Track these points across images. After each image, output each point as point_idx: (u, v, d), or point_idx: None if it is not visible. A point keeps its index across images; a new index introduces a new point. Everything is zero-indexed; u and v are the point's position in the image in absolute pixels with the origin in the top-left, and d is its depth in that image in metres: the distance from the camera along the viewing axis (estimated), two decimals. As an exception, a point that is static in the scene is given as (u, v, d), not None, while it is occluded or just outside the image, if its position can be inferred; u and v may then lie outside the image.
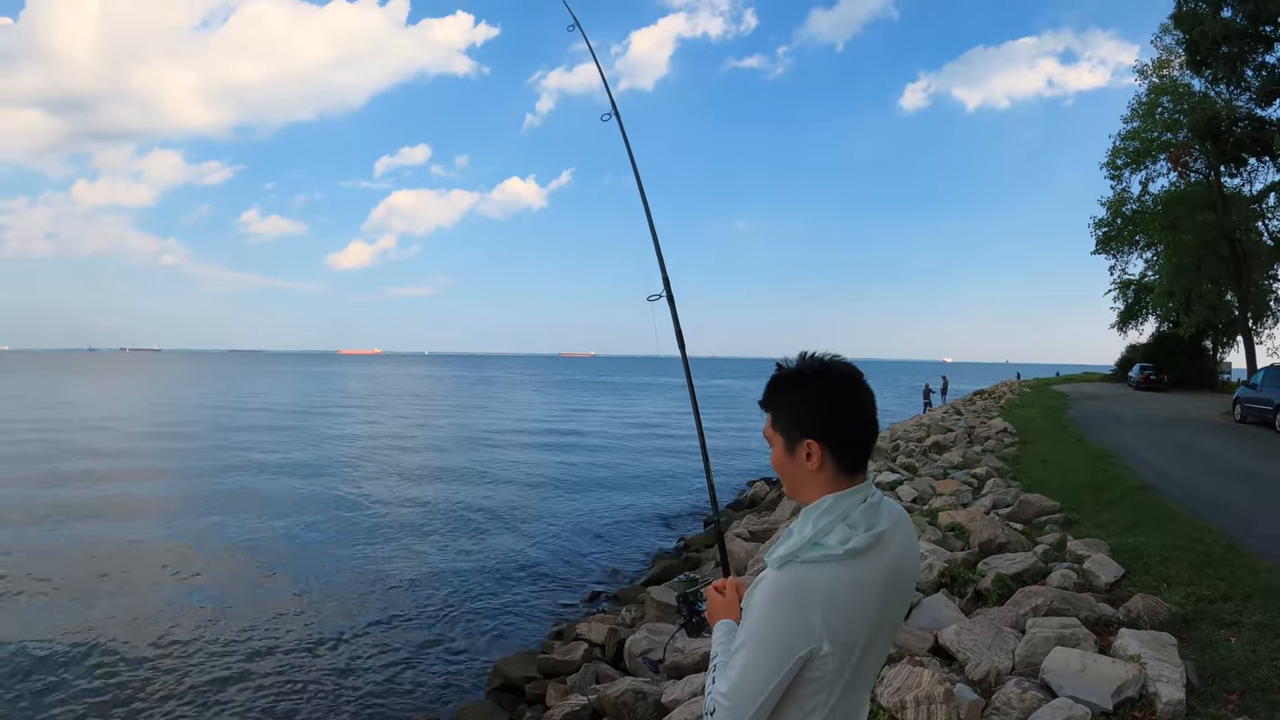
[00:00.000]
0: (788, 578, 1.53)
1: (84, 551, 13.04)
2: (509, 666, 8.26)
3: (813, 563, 1.53)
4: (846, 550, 1.53)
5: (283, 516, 16.30)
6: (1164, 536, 8.08)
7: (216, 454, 25.87)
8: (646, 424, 39.45)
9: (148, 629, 9.64)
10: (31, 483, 19.15)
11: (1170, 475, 12.38)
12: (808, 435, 1.64)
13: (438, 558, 13.20)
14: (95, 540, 13.79)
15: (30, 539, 13.83)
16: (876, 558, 1.57)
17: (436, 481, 21.07)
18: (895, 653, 5.28)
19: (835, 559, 1.52)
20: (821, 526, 1.57)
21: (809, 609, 1.50)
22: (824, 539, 1.55)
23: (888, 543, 1.60)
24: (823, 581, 1.51)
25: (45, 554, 12.87)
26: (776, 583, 1.54)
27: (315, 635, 9.64)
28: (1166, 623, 5.51)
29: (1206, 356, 45.59)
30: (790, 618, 1.51)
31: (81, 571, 11.94)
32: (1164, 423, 22.26)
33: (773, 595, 1.54)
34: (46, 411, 40.50)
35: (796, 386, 1.67)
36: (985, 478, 12.98)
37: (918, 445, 19.10)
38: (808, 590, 1.51)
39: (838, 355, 1.69)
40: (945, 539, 8.72)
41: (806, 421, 1.65)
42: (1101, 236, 43.48)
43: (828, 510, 1.60)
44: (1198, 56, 29.14)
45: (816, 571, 1.52)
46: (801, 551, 1.54)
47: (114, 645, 9.07)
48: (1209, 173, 36.83)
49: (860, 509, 1.60)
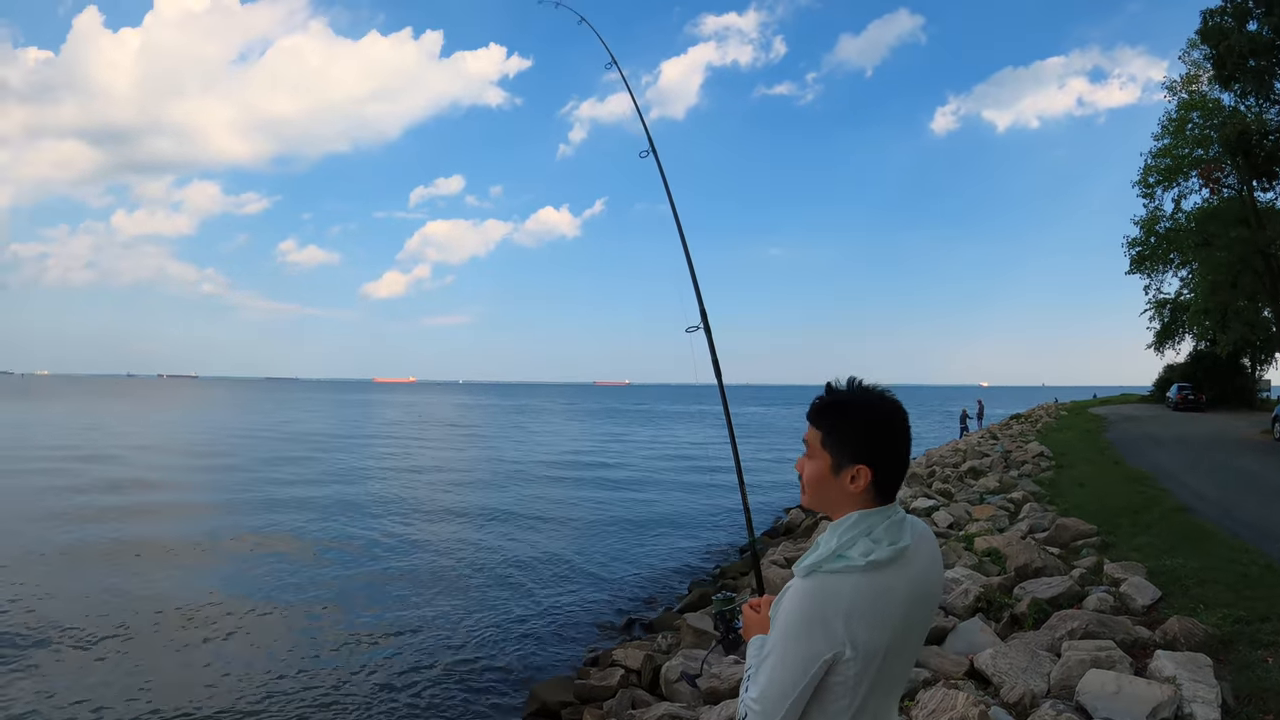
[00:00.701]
0: (812, 586, 1.65)
1: (105, 552, 13.24)
2: (545, 692, 8.31)
3: (836, 573, 1.64)
4: (869, 562, 1.64)
5: (322, 539, 16.44)
6: (1201, 558, 8.04)
7: (256, 477, 26.11)
8: (683, 453, 39.37)
9: (189, 643, 9.78)
10: (72, 511, 19.45)
11: (1208, 496, 12.26)
12: (860, 460, 1.75)
13: (476, 582, 13.27)
14: (132, 566, 13.97)
15: (73, 562, 14.04)
16: (900, 570, 1.68)
17: (473, 507, 21.16)
18: (930, 676, 5.32)
19: (857, 570, 1.63)
20: (846, 540, 1.69)
21: (832, 616, 1.61)
22: (847, 551, 1.67)
23: (911, 557, 1.71)
24: (845, 590, 1.62)
25: (80, 578, 13.08)
26: (802, 591, 1.66)
27: (352, 655, 9.73)
28: (1203, 644, 5.50)
29: (1244, 375, 44.95)
30: (814, 623, 1.61)
31: (120, 596, 12.12)
32: (1202, 443, 21.98)
33: (798, 602, 1.65)
34: (89, 435, 41.09)
35: (859, 412, 1.79)
36: (1022, 502, 12.91)
37: (954, 471, 19.01)
38: (831, 598, 1.62)
39: (876, 385, 1.83)
40: (981, 564, 8.72)
41: (862, 447, 1.76)
42: (1135, 256, 43.16)
43: (853, 525, 1.71)
44: (1225, 71, 29.00)
45: (840, 581, 1.63)
46: (826, 562, 1.66)
47: (154, 668, 9.21)
48: (1241, 188, 36.40)
49: (884, 525, 1.71)
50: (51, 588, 12.50)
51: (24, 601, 11.64)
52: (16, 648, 9.73)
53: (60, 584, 12.73)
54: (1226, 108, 34.92)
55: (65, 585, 12.64)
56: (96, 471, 26.74)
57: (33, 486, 22.88)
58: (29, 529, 16.86)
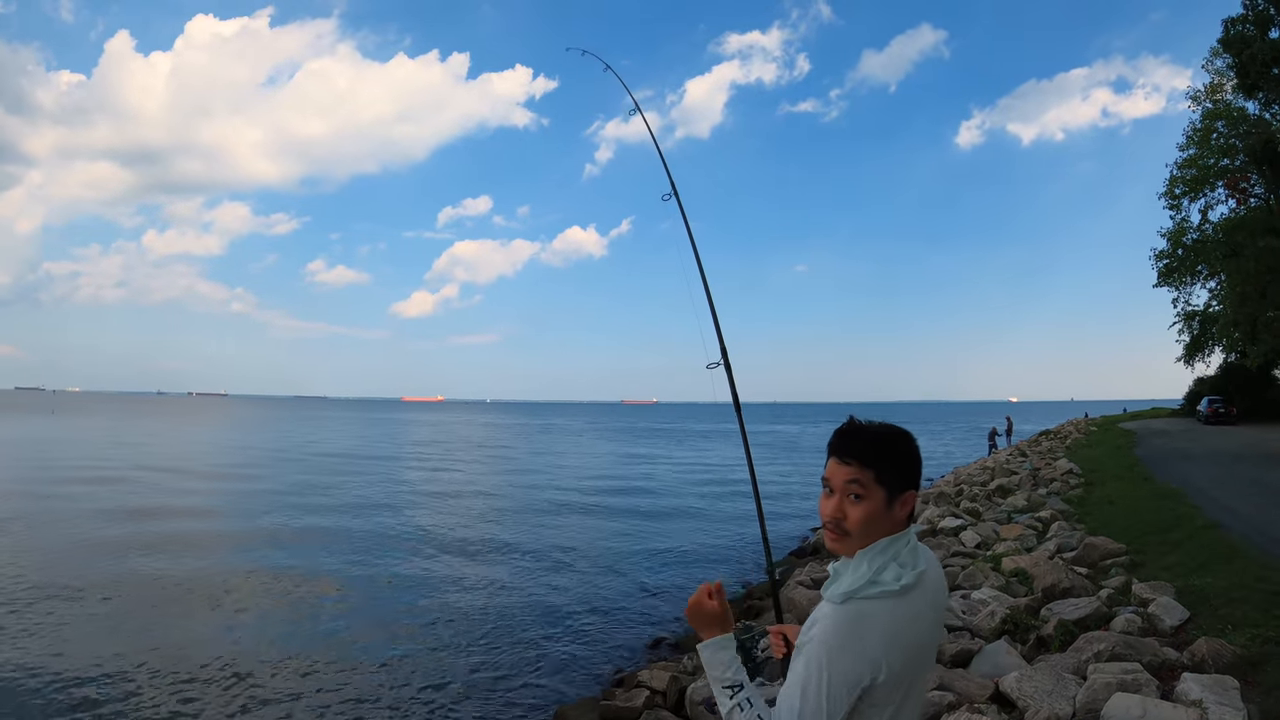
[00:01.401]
0: (851, 612, 1.70)
1: (145, 581, 13.37)
2: (571, 713, 8.34)
3: (873, 599, 1.71)
4: (901, 586, 1.71)
5: (350, 555, 16.63)
6: (1231, 576, 7.95)
7: (286, 493, 26.32)
8: (711, 474, 39.26)
9: (212, 657, 9.89)
10: (105, 520, 19.67)
11: (1239, 512, 12.12)
12: (910, 487, 1.84)
13: (502, 601, 13.34)
14: (158, 575, 14.12)
15: (100, 568, 14.21)
16: (921, 594, 1.76)
17: (500, 526, 21.24)
18: (955, 699, 5.32)
19: (892, 595, 1.71)
20: (879, 566, 1.75)
21: (871, 640, 1.67)
22: (880, 576, 1.73)
23: (926, 581, 1.79)
24: (883, 615, 1.69)
25: (111, 582, 13.22)
26: (841, 617, 1.71)
27: (376, 674, 9.82)
28: (1231, 665, 5.46)
29: (1276, 387, 44.32)
30: (856, 649, 1.67)
31: (141, 602, 12.25)
32: (1233, 457, 21.69)
33: (836, 629, 1.70)
34: (126, 452, 41.47)
35: (906, 442, 1.87)
36: (1050, 521, 12.82)
37: (981, 489, 18.90)
38: (870, 623, 1.68)
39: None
40: (1009, 585, 8.70)
41: (911, 474, 1.85)
42: (1163, 269, 42.83)
43: (882, 551, 1.78)
44: (1249, 79, 28.82)
45: (877, 607, 1.70)
46: (863, 589, 1.72)
47: (175, 675, 9.31)
48: (1268, 197, 36.11)
49: (906, 550, 1.80)
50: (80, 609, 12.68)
51: (63, 631, 11.82)
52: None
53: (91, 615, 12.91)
54: (1251, 116, 34.67)
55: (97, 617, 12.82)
56: (123, 493, 27.01)
57: (67, 510, 23.13)
58: (71, 556, 17.07)
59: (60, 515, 22.13)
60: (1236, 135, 36.06)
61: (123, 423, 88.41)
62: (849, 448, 1.84)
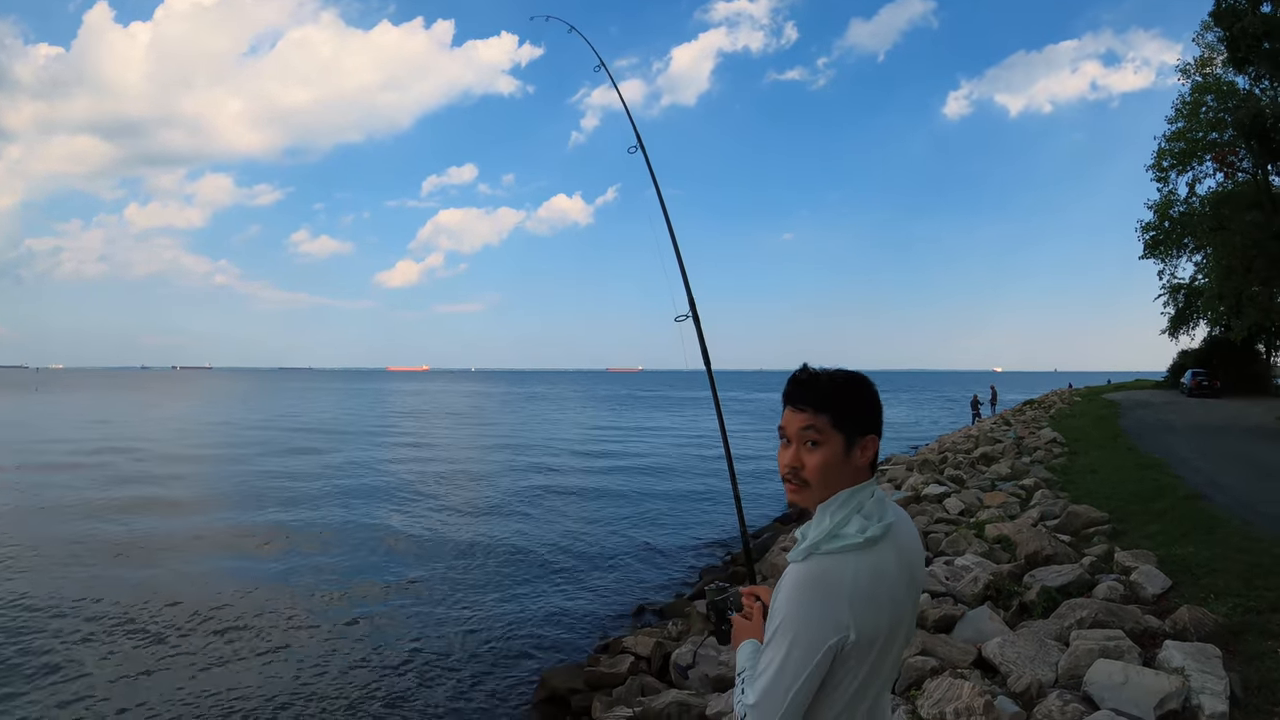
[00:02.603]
0: (813, 569, 1.62)
1: (116, 541, 13.35)
2: (555, 678, 8.35)
3: (836, 553, 1.62)
4: (866, 538, 1.62)
5: (335, 529, 16.55)
6: (1213, 546, 7.99)
7: (270, 469, 26.30)
8: (695, 440, 39.30)
9: (200, 632, 9.88)
10: (89, 506, 19.60)
11: (1221, 483, 12.18)
12: (870, 431, 1.76)
13: (487, 570, 13.34)
14: (149, 556, 14.09)
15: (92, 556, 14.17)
16: (889, 547, 1.66)
17: (485, 497, 21.24)
18: (938, 664, 5.32)
19: (856, 548, 1.61)
20: (840, 519, 1.66)
21: (836, 598, 1.58)
22: (843, 530, 1.64)
23: (897, 534, 1.70)
24: (848, 571, 1.60)
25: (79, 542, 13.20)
26: (801, 575, 1.62)
27: (362, 641, 9.82)
28: (1213, 634, 5.47)
29: (1260, 360, 44.64)
30: (819, 608, 1.58)
31: (108, 557, 12.23)
32: (1216, 430, 21.84)
33: (798, 587, 1.61)
34: (108, 428, 41.30)
35: (860, 387, 1.78)
36: (1033, 489, 12.87)
37: (965, 457, 18.96)
38: (834, 580, 1.59)
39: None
40: (992, 551, 8.72)
41: (870, 418, 1.76)
42: (1149, 240, 42.91)
43: (844, 504, 1.69)
44: (1239, 53, 28.63)
45: (840, 561, 1.61)
46: (823, 543, 1.63)
47: (160, 657, 9.29)
48: (1256, 172, 36.11)
49: (871, 501, 1.70)
50: (77, 579, 12.65)
51: (56, 594, 11.79)
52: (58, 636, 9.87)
53: (85, 575, 12.89)
54: (1241, 91, 34.58)
55: (91, 576, 12.80)
56: (118, 466, 26.94)
57: (60, 483, 23.10)
58: (62, 524, 17.06)
59: (37, 493, 22.12)
60: (1225, 110, 35.95)
61: (106, 398, 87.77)
62: (802, 394, 1.78)
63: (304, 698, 8.28)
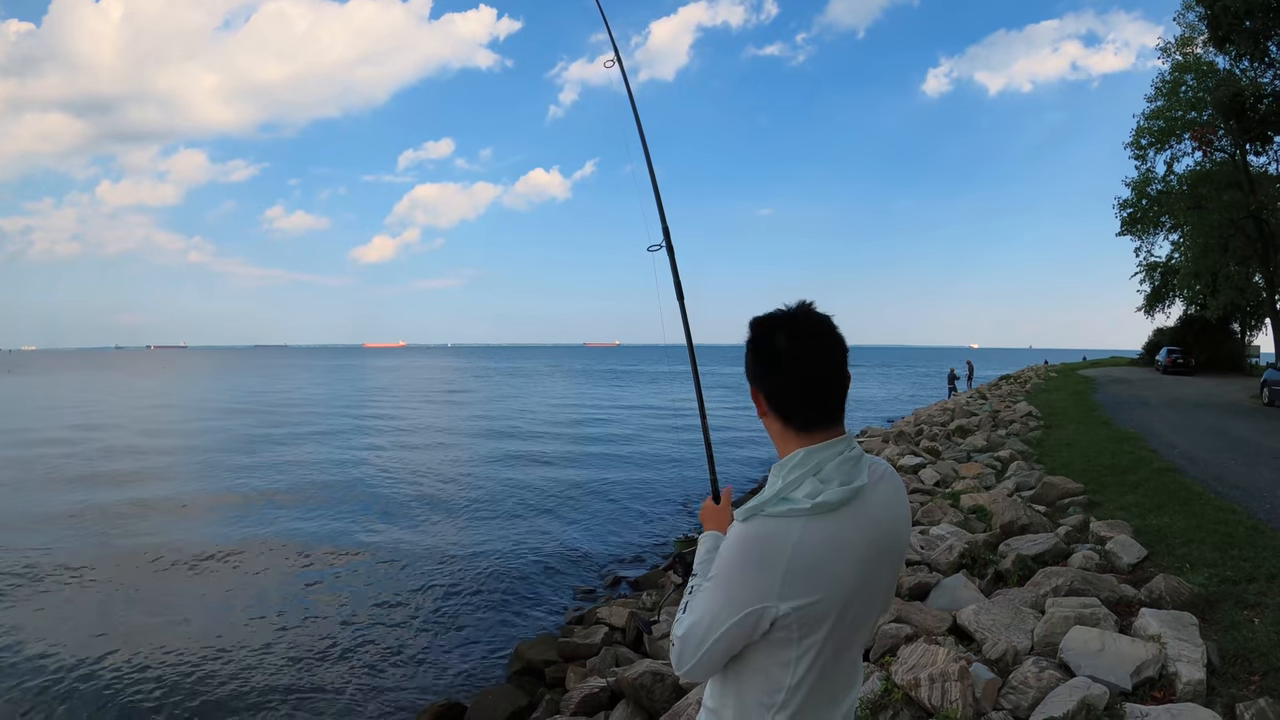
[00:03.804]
0: (751, 531, 1.49)
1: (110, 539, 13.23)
2: (529, 650, 8.31)
3: (778, 517, 1.48)
4: (814, 505, 1.47)
5: (309, 503, 16.47)
6: (1188, 518, 8.00)
7: (244, 446, 26.16)
8: (670, 413, 39.28)
9: (171, 610, 9.79)
10: (57, 485, 19.42)
11: (1196, 458, 12.23)
12: (756, 386, 1.62)
13: (461, 544, 13.27)
14: (126, 533, 13.96)
15: (67, 540, 14.03)
16: (854, 515, 1.52)
17: (459, 472, 21.17)
18: (912, 631, 5.27)
19: (802, 514, 1.47)
20: (792, 480, 1.52)
21: (770, 566, 1.46)
22: (791, 493, 1.50)
23: (868, 499, 1.55)
24: (789, 538, 1.46)
25: (77, 550, 13.06)
26: (740, 535, 1.50)
27: (338, 618, 9.75)
28: (1189, 603, 5.44)
29: (1234, 339, 44.99)
30: (748, 571, 1.48)
31: (110, 565, 12.11)
32: (1191, 406, 21.99)
33: (735, 547, 1.50)
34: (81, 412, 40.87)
35: (758, 339, 1.63)
36: (1009, 461, 12.90)
37: (941, 429, 19.02)
38: (771, 546, 1.47)
39: (809, 303, 1.63)
40: (967, 521, 8.71)
41: (764, 374, 1.62)
42: (1126, 218, 42.91)
43: (799, 464, 1.54)
44: (1220, 32, 28.55)
45: (781, 526, 1.47)
46: (768, 504, 1.49)
47: (136, 627, 9.20)
48: (1234, 151, 36.15)
49: (835, 463, 1.54)
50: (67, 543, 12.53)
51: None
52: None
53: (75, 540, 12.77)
54: (1221, 70, 34.58)
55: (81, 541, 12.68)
56: (90, 444, 26.70)
57: (29, 459, 22.92)
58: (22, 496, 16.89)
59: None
60: (1205, 89, 35.94)
61: (77, 379, 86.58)
62: None
63: (269, 670, 8.20)
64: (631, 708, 6.03)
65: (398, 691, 7.79)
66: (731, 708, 1.61)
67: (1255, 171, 36.13)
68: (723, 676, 1.63)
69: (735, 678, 1.60)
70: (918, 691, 4.26)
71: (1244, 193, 34.44)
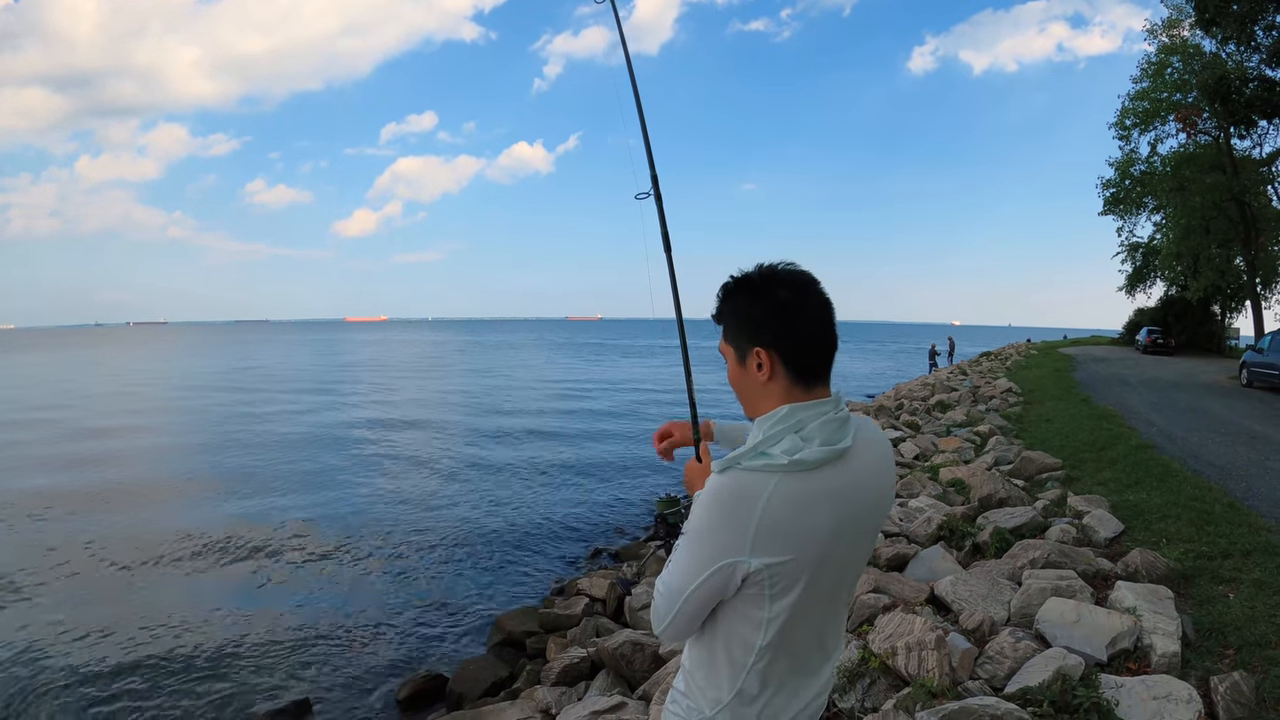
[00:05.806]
0: (726, 483, 1.46)
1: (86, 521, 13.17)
2: (510, 621, 8.31)
3: (753, 470, 1.45)
4: (792, 461, 1.44)
5: (289, 479, 16.42)
6: (1165, 494, 8.07)
7: (226, 423, 26.06)
8: (652, 386, 39.31)
9: (149, 591, 9.76)
10: (42, 464, 19.28)
11: (1174, 436, 12.33)
12: (757, 343, 1.57)
13: (441, 518, 13.23)
14: (103, 515, 13.89)
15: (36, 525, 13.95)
16: (833, 475, 1.49)
17: (438, 446, 21.11)
18: (890, 601, 5.30)
19: (779, 469, 1.44)
20: (772, 435, 1.50)
21: (743, 520, 1.44)
22: (770, 448, 1.48)
23: (851, 461, 1.52)
24: (762, 492, 1.43)
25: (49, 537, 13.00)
26: (715, 487, 1.47)
27: (317, 592, 9.71)
28: (1165, 577, 5.49)
29: (1214, 321, 45.28)
30: (721, 524, 1.46)
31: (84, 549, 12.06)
32: (1170, 385, 22.14)
33: (710, 499, 1.48)
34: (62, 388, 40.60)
35: (745, 293, 1.60)
36: (988, 435, 12.98)
37: (922, 404, 19.12)
38: (744, 499, 1.44)
39: (792, 263, 1.61)
40: (945, 494, 8.76)
41: (755, 328, 1.58)
42: (1109, 198, 43.04)
43: (782, 420, 1.52)
44: (1207, 15, 28.56)
45: (756, 480, 1.44)
46: (745, 458, 1.47)
47: (112, 609, 9.17)
48: (1218, 134, 36.31)
49: (819, 422, 1.51)
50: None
51: None
52: None
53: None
54: (1207, 53, 34.62)
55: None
56: (66, 424, 26.49)
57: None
58: None
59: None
60: (1191, 71, 35.98)
61: (53, 357, 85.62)
62: (716, 308, 1.66)
63: (251, 644, 8.18)
64: (612, 677, 6.04)
65: (379, 663, 7.78)
66: (704, 666, 1.61)
67: (1239, 155, 36.33)
68: (698, 636, 1.62)
69: (709, 637, 1.59)
70: (894, 660, 4.28)
71: (1227, 175, 34.64)
